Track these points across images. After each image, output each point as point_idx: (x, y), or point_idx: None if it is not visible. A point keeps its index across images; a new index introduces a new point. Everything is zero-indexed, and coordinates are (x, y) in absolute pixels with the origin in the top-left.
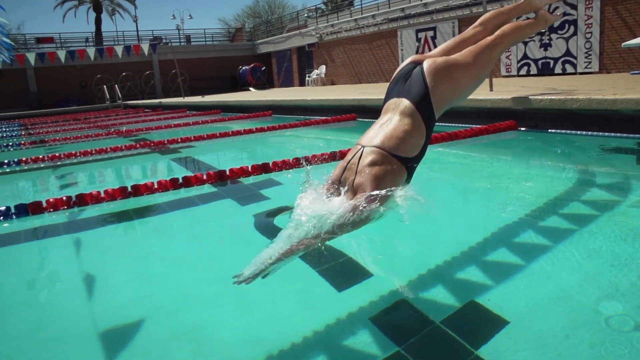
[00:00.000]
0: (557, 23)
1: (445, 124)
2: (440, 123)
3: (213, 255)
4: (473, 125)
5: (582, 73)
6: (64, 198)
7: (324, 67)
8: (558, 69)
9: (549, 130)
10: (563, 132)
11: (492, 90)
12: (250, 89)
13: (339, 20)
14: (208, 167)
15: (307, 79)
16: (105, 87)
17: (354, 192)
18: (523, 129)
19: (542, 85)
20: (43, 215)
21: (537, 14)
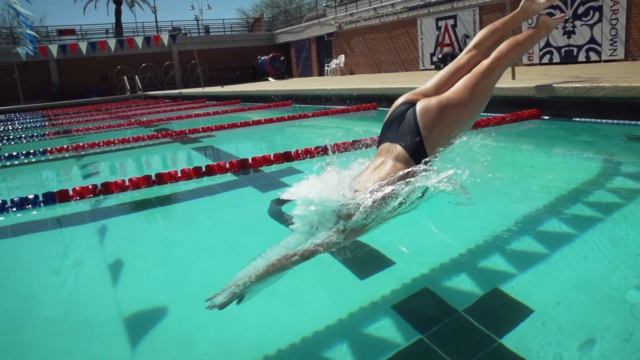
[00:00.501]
0: (581, 9)
1: None
2: None
3: (235, 242)
4: (495, 114)
5: (606, 61)
6: (90, 186)
7: (343, 56)
8: (582, 57)
9: (573, 119)
10: (587, 120)
11: (514, 79)
12: (269, 79)
13: (358, 10)
14: (229, 156)
15: (326, 69)
16: (126, 78)
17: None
18: (546, 118)
19: (565, 73)
20: (70, 203)
21: (537, 21)
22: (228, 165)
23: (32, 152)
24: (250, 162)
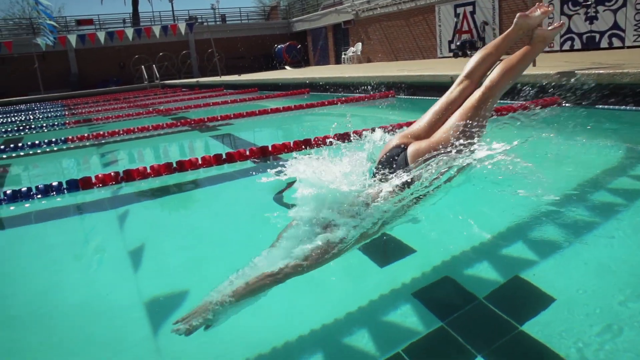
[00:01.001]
0: None
1: None
2: None
3: (255, 228)
4: (515, 102)
5: (630, 47)
6: (112, 174)
7: (360, 44)
8: (604, 43)
9: (595, 106)
10: (610, 107)
11: (535, 66)
12: (286, 68)
13: None
14: (248, 143)
15: (343, 57)
16: (143, 67)
17: None
18: (567, 105)
19: (587, 60)
20: (92, 190)
21: (532, 36)
22: (248, 153)
23: (53, 140)
24: (270, 149)
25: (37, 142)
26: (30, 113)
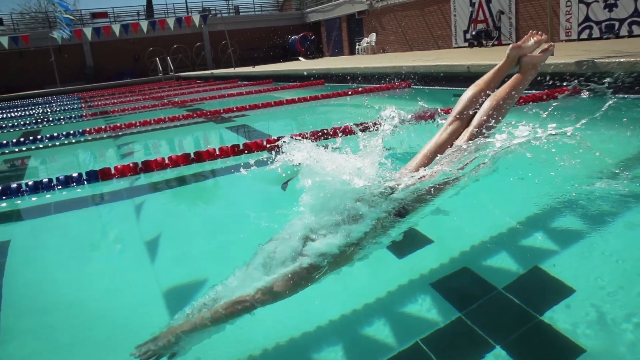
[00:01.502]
0: None
1: None
2: None
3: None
4: (533, 91)
5: None
6: (131, 164)
7: (374, 35)
8: (624, 31)
9: (616, 95)
10: (632, 96)
11: (553, 55)
12: (300, 59)
13: None
14: (264, 135)
15: (357, 48)
16: (158, 59)
17: None
18: (586, 94)
19: (607, 48)
20: (112, 181)
21: (520, 64)
22: (266, 143)
23: (71, 133)
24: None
25: (55, 134)
26: (48, 106)
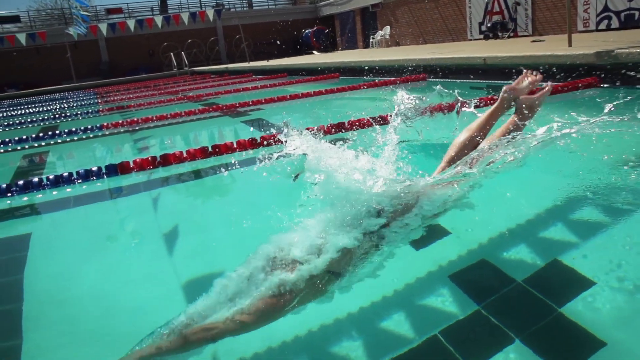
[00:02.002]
0: None
1: None
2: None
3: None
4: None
5: None
6: (149, 158)
7: (389, 28)
8: None
9: (636, 87)
10: None
11: (570, 46)
12: (314, 52)
13: None
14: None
15: (371, 41)
16: (172, 54)
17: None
18: (605, 86)
19: (626, 39)
20: (130, 175)
21: (516, 106)
22: (275, 135)
23: (89, 127)
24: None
25: (73, 129)
26: (65, 101)
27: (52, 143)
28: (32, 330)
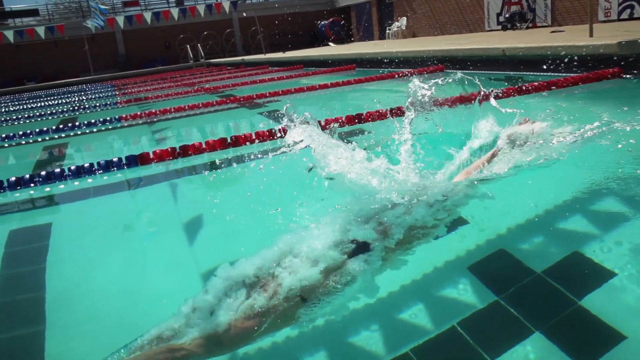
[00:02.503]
0: None
1: (540, 73)
2: (534, 73)
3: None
4: (572, 74)
5: None
6: (169, 149)
7: (405, 19)
8: None
9: None
10: None
11: (592, 36)
12: (330, 44)
13: None
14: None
15: (387, 32)
16: (188, 46)
17: None
18: (628, 77)
19: None
20: (150, 166)
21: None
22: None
23: (108, 119)
24: (323, 124)
25: (92, 121)
26: (83, 94)
27: (71, 135)
28: (55, 317)
